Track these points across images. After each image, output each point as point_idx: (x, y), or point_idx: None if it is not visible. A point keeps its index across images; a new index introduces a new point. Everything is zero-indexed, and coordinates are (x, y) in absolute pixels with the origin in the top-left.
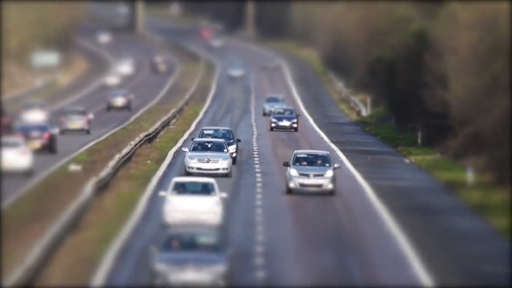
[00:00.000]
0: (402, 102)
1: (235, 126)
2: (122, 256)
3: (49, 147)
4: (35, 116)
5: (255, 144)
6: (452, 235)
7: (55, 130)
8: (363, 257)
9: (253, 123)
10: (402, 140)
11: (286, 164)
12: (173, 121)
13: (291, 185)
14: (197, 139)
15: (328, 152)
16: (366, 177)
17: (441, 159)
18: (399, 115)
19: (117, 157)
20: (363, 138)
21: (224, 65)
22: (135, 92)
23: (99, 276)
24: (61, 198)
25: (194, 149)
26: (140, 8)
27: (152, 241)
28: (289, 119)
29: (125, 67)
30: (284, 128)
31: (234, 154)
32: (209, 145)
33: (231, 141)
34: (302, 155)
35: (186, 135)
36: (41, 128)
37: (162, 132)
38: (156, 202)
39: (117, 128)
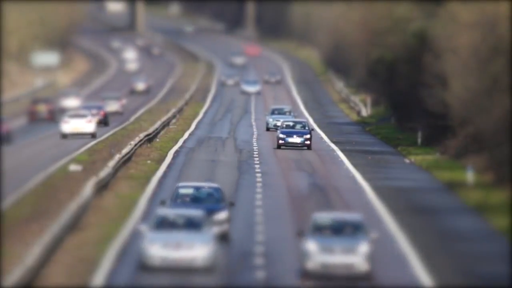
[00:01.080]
0: (402, 102)
1: (235, 126)
2: (122, 256)
3: (104, 122)
4: (71, 103)
5: (255, 144)
6: (452, 235)
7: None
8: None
9: (253, 123)
10: (402, 140)
11: (301, 234)
12: (173, 121)
13: (310, 265)
14: (160, 212)
15: (360, 216)
16: (366, 177)
17: (441, 159)
18: (399, 115)
19: (117, 157)
20: (363, 138)
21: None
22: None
23: (99, 276)
24: (61, 198)
25: (158, 226)
26: (140, 8)
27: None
28: (301, 134)
29: (130, 53)
30: (294, 145)
31: (225, 227)
32: (181, 221)
33: (220, 205)
34: (324, 221)
35: (186, 135)
36: (98, 107)
37: (162, 132)
38: (155, 202)
39: (117, 128)
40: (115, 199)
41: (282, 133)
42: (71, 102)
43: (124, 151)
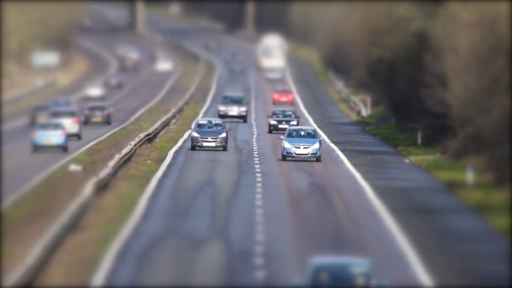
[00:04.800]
0: (402, 102)
1: (235, 126)
2: (122, 256)
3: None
4: (134, 55)
5: (255, 144)
6: (452, 235)
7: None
8: (363, 257)
9: (253, 123)
10: (402, 140)
11: None
12: (173, 121)
13: None
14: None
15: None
16: (366, 177)
17: (441, 159)
18: (399, 115)
19: (117, 157)
20: (363, 138)
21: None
22: (135, 92)
23: (99, 276)
24: (61, 198)
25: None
26: (140, 8)
27: (152, 241)
28: None
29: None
30: None
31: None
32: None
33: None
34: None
35: (186, 135)
36: (167, 55)
37: (162, 132)
38: (156, 202)
39: (117, 128)
40: (115, 199)
41: None
42: (134, 55)
43: (124, 151)
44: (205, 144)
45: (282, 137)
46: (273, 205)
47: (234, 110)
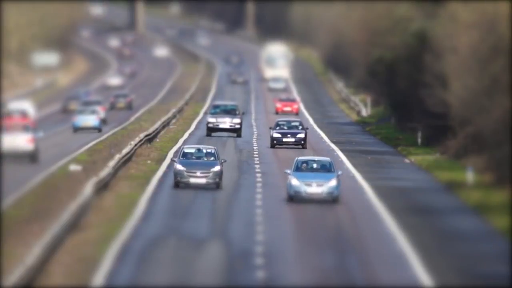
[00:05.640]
0: (402, 102)
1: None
2: (122, 256)
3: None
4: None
5: (255, 144)
6: (452, 235)
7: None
8: (363, 257)
9: (253, 123)
10: (402, 140)
11: None
12: (173, 121)
13: None
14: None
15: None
16: (366, 177)
17: (441, 159)
18: (399, 115)
19: (117, 157)
20: (363, 138)
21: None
22: (135, 91)
23: (99, 276)
24: (61, 198)
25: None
26: (140, 8)
27: (152, 241)
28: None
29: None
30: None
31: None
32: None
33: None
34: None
35: (186, 135)
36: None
37: (162, 132)
38: (156, 202)
39: (117, 128)
40: (115, 199)
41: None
42: (114, 42)
43: (124, 151)
44: (192, 180)
45: (289, 171)
46: (273, 205)
47: (226, 122)
